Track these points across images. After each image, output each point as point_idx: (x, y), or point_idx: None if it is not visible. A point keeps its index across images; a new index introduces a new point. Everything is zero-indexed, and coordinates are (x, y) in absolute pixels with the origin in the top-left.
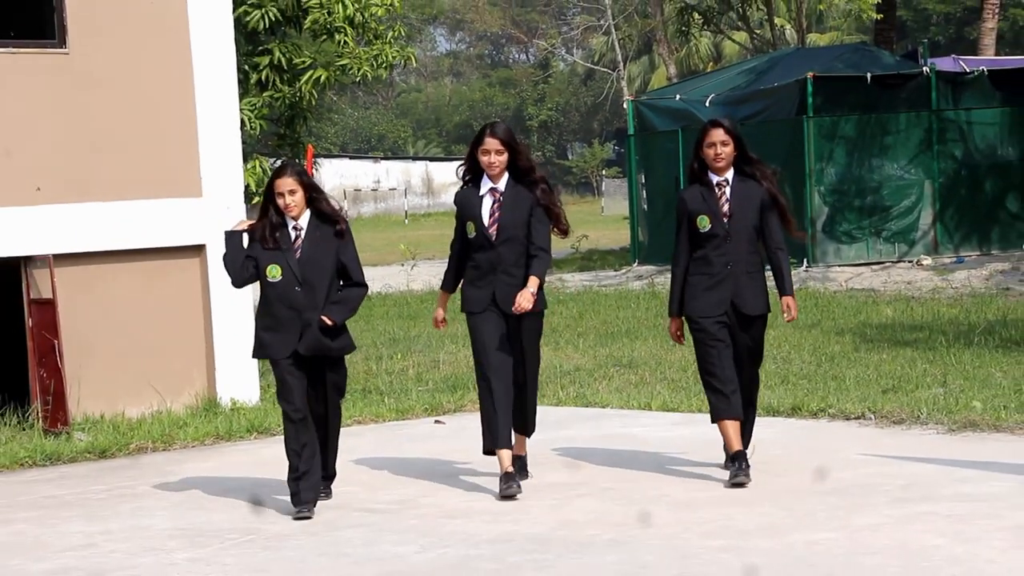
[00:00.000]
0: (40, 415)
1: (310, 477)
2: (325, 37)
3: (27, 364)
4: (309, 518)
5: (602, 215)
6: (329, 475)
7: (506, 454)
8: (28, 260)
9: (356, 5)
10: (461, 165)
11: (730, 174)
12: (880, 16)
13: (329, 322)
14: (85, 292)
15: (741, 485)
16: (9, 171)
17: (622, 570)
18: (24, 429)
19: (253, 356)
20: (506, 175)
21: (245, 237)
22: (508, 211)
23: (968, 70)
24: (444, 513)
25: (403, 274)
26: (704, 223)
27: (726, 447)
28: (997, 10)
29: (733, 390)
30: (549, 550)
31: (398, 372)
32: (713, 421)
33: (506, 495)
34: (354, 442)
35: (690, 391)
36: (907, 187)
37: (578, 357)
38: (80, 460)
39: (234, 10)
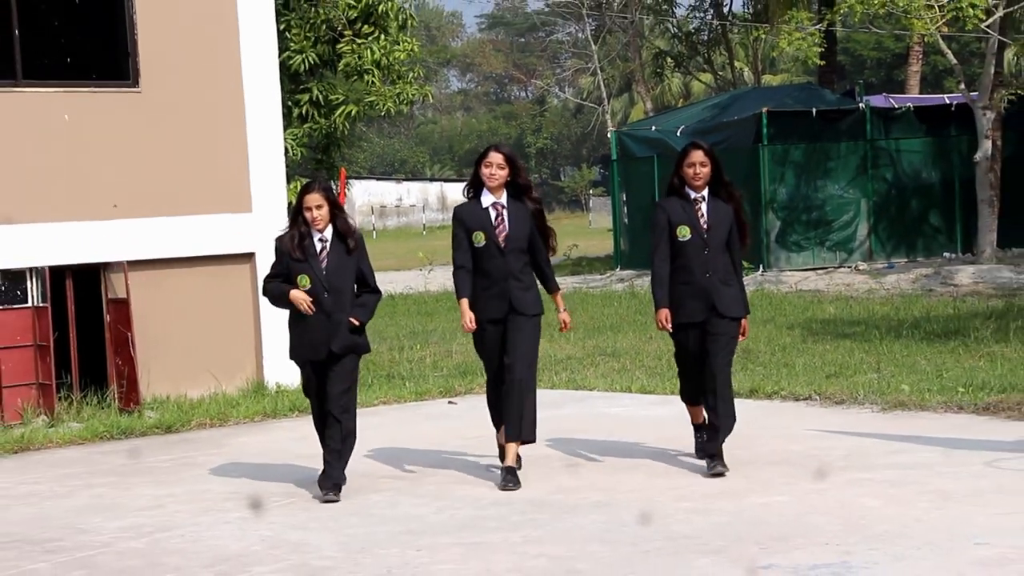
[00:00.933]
0: (116, 396)
1: (336, 465)
2: (356, 78)
3: (105, 353)
4: (335, 501)
5: (589, 228)
6: (338, 483)
7: (511, 444)
8: (106, 266)
9: (382, 51)
10: (467, 185)
11: (705, 191)
12: (823, 61)
13: (356, 323)
14: (154, 292)
15: (707, 462)
16: (90, 191)
17: (606, 528)
18: (103, 408)
19: (290, 357)
20: (505, 191)
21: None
22: (513, 222)
23: (897, 107)
24: (456, 480)
25: (421, 278)
26: (685, 232)
27: (692, 421)
28: (921, 56)
29: (698, 385)
30: (544, 511)
31: (417, 360)
32: (682, 400)
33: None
34: (379, 420)
35: (664, 376)
36: (846, 204)
37: (569, 348)
38: (150, 434)
39: (279, 55)
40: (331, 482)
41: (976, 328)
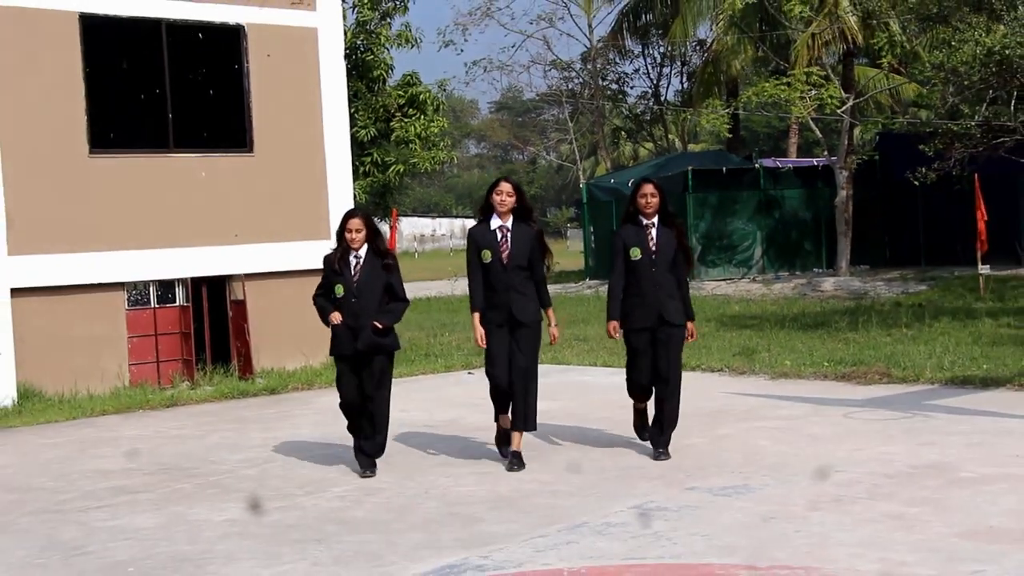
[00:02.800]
0: (236, 368)
1: (367, 446)
2: (403, 145)
3: (229, 338)
4: (372, 476)
5: (567, 250)
6: (373, 459)
7: (504, 418)
8: (230, 277)
9: (422, 126)
10: (478, 207)
11: (655, 219)
12: (730, 134)
13: (380, 326)
14: (263, 296)
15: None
16: (219, 225)
17: (581, 461)
18: (227, 376)
19: (329, 354)
20: (511, 215)
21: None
22: (516, 243)
23: (781, 167)
24: (472, 429)
25: (449, 286)
26: (636, 253)
27: (634, 420)
28: (797, 132)
29: (644, 385)
30: (534, 450)
31: (446, 343)
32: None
33: (505, 455)
34: (418, 385)
35: (620, 354)
36: (747, 235)
37: None
38: (259, 395)
39: (350, 129)
40: (369, 460)
41: (836, 321)
